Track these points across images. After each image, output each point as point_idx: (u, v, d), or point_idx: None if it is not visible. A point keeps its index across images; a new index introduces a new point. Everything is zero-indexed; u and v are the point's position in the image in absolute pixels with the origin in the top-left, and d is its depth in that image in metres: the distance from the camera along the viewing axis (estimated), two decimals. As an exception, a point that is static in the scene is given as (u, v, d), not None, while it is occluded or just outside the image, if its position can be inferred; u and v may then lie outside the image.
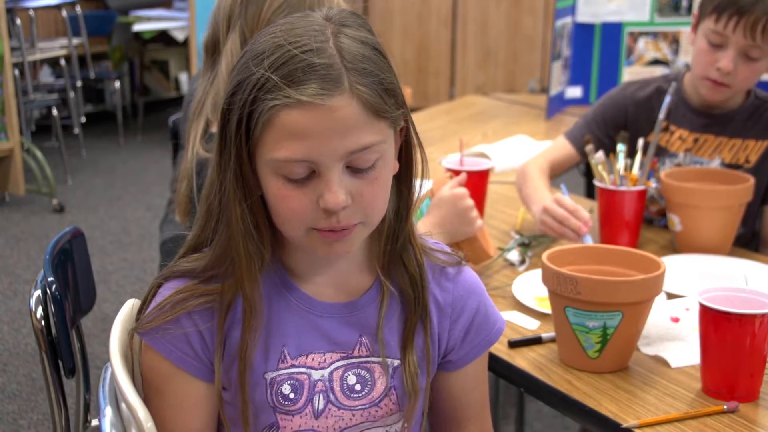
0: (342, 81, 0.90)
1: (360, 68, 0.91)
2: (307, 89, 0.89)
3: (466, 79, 6.20)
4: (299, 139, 0.90)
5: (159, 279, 1.03)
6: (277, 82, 0.89)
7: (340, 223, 0.93)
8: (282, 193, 0.93)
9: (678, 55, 3.28)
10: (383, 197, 0.97)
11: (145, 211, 4.52)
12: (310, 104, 0.89)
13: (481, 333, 1.09)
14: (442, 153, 2.27)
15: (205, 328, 0.99)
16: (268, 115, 0.90)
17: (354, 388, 1.02)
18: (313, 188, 0.92)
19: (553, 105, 3.07)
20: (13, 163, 4.52)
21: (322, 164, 0.91)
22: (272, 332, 1.01)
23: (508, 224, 1.93)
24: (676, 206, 1.73)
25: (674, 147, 1.91)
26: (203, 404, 1.01)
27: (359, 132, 0.91)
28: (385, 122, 0.94)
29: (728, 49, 1.74)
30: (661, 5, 3.23)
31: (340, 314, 1.03)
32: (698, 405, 1.21)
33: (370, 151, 0.92)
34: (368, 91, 0.91)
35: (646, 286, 1.27)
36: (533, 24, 6.03)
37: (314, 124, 0.89)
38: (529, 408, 2.62)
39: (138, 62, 6.49)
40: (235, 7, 1.52)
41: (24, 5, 5.16)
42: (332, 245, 0.96)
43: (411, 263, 1.04)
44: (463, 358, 1.10)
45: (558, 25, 3.03)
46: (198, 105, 1.59)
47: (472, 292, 1.09)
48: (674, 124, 1.91)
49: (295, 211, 0.93)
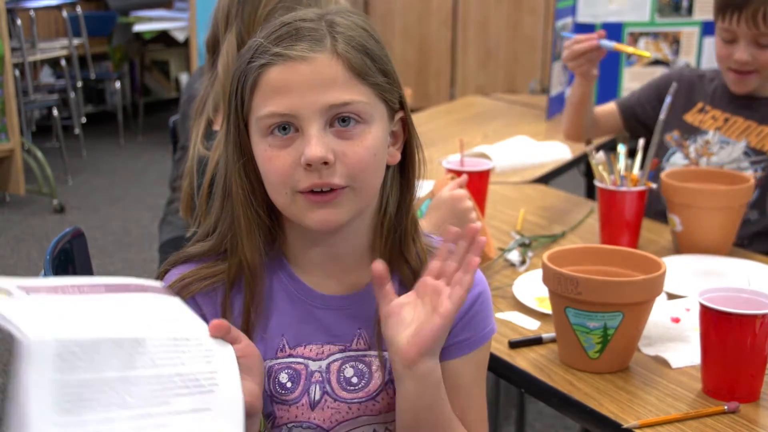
0: (325, 41, 0.95)
1: (347, 36, 0.97)
2: (292, 47, 0.95)
3: (467, 80, 6.20)
4: (282, 93, 0.94)
5: (165, 265, 1.05)
6: (267, 44, 0.96)
7: (322, 179, 0.94)
8: (267, 155, 0.96)
9: (678, 56, 3.28)
10: (371, 163, 0.97)
11: (145, 212, 4.52)
12: (293, 59, 0.94)
13: (474, 327, 1.06)
14: (443, 154, 2.28)
15: (208, 311, 1.00)
16: (256, 74, 0.96)
17: (351, 380, 1.03)
18: (297, 147, 0.95)
19: (553, 106, 3.07)
20: (13, 163, 4.52)
21: (303, 118, 0.94)
22: (272, 321, 1.02)
23: (508, 225, 1.93)
24: (677, 207, 1.73)
25: (705, 125, 1.98)
26: None
27: (340, 88, 0.95)
28: (369, 88, 0.97)
29: (739, 41, 1.86)
30: (662, 5, 3.23)
31: (340, 307, 1.04)
32: (699, 405, 1.21)
33: (352, 109, 0.96)
34: (352, 52, 0.96)
35: (647, 287, 1.27)
36: (534, 24, 6.03)
37: (296, 78, 0.94)
38: (529, 409, 2.62)
39: (138, 63, 6.49)
40: (232, 6, 1.53)
41: (24, 5, 5.16)
42: (319, 211, 0.96)
43: (413, 259, 1.04)
44: (450, 348, 1.04)
45: (558, 26, 3.03)
46: (199, 104, 1.60)
47: (476, 285, 1.05)
48: (710, 105, 2.00)
49: (280, 172, 0.96)
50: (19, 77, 4.80)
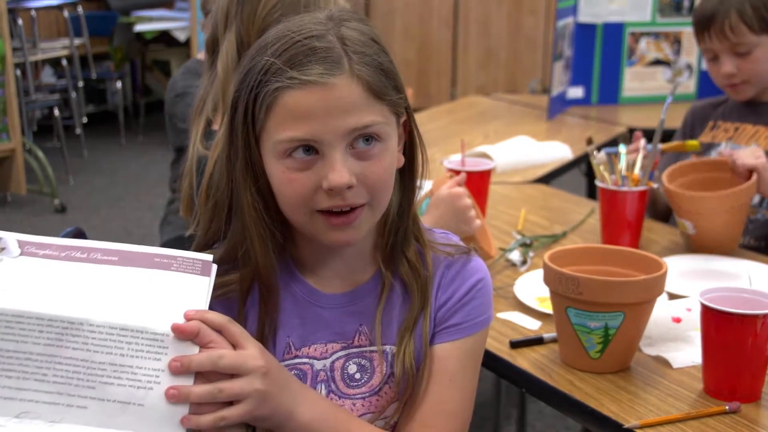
0: (342, 63, 0.93)
1: (360, 51, 0.95)
2: (308, 70, 0.92)
3: (468, 80, 6.20)
4: (302, 119, 0.92)
5: None
6: (280, 65, 0.93)
7: (345, 201, 0.94)
8: (286, 177, 0.95)
9: (680, 55, 3.28)
10: (387, 180, 0.98)
11: (146, 211, 4.52)
12: (312, 84, 0.92)
13: (467, 313, 1.04)
14: (444, 153, 2.28)
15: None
16: (271, 97, 0.93)
17: (354, 376, 1.04)
18: (317, 171, 0.94)
19: (554, 106, 3.07)
20: (14, 163, 4.52)
21: (325, 143, 0.93)
22: (279, 324, 1.02)
23: (509, 224, 1.93)
24: (687, 213, 1.73)
25: (718, 138, 2.00)
26: None
27: (360, 111, 0.94)
28: (386, 106, 0.96)
29: (721, 56, 1.92)
30: (663, 5, 3.23)
31: (342, 305, 1.04)
32: (700, 405, 1.21)
33: (372, 131, 0.95)
34: (369, 72, 0.94)
35: (648, 287, 1.27)
36: (534, 24, 6.03)
37: (316, 104, 0.92)
38: (530, 408, 2.62)
39: (139, 62, 6.49)
40: (232, 6, 1.53)
41: (26, 5, 5.16)
42: (338, 232, 0.97)
43: (413, 257, 1.05)
44: (439, 333, 1.04)
45: (559, 26, 3.03)
46: (199, 104, 1.60)
47: (476, 272, 1.06)
48: (721, 120, 2.03)
49: (299, 194, 0.95)
50: (20, 77, 4.80)
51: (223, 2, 1.55)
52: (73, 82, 5.49)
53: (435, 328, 1.06)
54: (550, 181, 2.39)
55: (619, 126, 2.92)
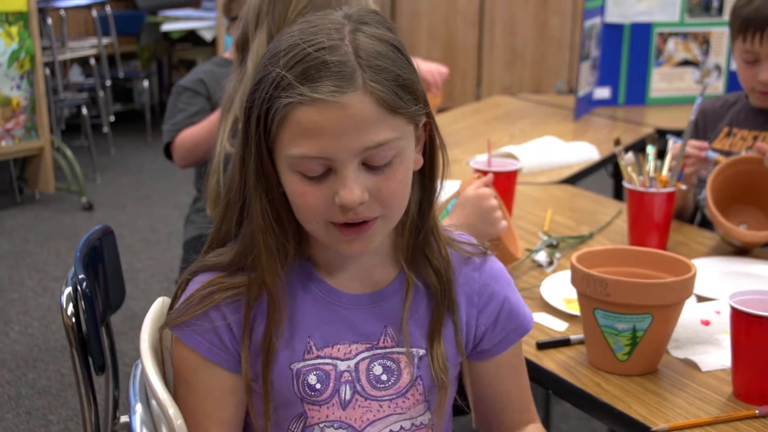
0: (355, 78, 0.90)
1: (374, 65, 0.92)
2: (320, 87, 0.90)
3: (493, 80, 6.18)
4: (313, 136, 0.91)
5: (187, 275, 1.04)
6: (292, 80, 0.90)
7: (358, 215, 0.94)
8: (299, 189, 0.94)
9: (708, 56, 3.25)
10: (402, 193, 0.97)
11: (172, 210, 4.55)
12: (324, 102, 0.90)
13: (513, 321, 1.10)
14: (470, 153, 2.27)
15: (233, 320, 1.00)
16: (283, 112, 0.91)
17: (380, 378, 1.03)
18: (330, 185, 0.93)
19: (581, 106, 3.05)
20: (43, 161, 4.57)
21: (337, 161, 0.92)
22: (298, 324, 1.02)
23: (536, 225, 1.92)
24: (734, 236, 1.74)
25: (736, 147, 1.95)
26: (231, 395, 1.02)
27: (374, 128, 0.92)
28: (401, 118, 0.94)
29: (762, 62, 1.84)
30: (692, 5, 3.20)
31: (365, 305, 1.04)
32: (729, 409, 1.20)
33: (386, 148, 0.93)
34: (382, 89, 0.91)
35: (677, 289, 1.26)
36: (560, 25, 6.00)
37: (328, 122, 0.90)
38: (555, 410, 2.61)
39: (166, 62, 6.54)
40: (263, 5, 1.54)
41: (55, 5, 5.22)
42: (352, 243, 0.97)
43: (435, 257, 1.05)
44: (497, 346, 1.10)
45: (587, 26, 3.02)
46: (227, 101, 1.61)
47: (498, 280, 1.10)
48: (737, 127, 1.98)
49: (312, 207, 0.95)
50: (49, 76, 4.85)
51: (255, 1, 1.56)
52: (100, 81, 5.54)
53: (480, 342, 1.09)
54: (576, 181, 2.38)
55: (646, 127, 2.90)
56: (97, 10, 5.56)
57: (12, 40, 4.30)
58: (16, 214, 4.49)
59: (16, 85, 4.36)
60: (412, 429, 1.06)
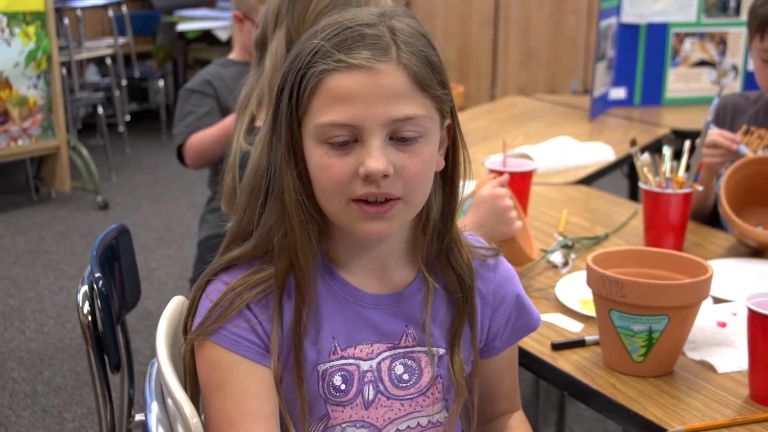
0: (390, 50, 0.94)
1: (408, 42, 0.95)
2: (356, 54, 0.93)
3: (508, 80, 6.17)
4: (345, 102, 0.93)
5: (205, 277, 1.03)
6: (329, 48, 0.93)
7: (380, 188, 0.94)
8: (324, 162, 0.95)
9: (725, 56, 3.23)
10: (425, 177, 0.98)
11: (187, 209, 4.57)
12: (358, 68, 0.92)
13: (522, 319, 1.12)
14: (485, 153, 2.27)
15: (264, 319, 0.99)
16: (317, 79, 0.94)
17: (402, 377, 1.04)
18: (355, 156, 0.94)
19: (596, 106, 3.04)
20: (59, 160, 4.59)
21: (365, 130, 0.93)
22: (322, 324, 1.01)
23: (551, 226, 1.92)
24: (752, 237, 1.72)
25: (753, 145, 1.95)
26: (269, 390, 1.00)
27: (404, 101, 0.94)
28: (430, 101, 0.96)
29: None
30: (709, 6, 3.19)
31: (386, 305, 1.04)
32: (746, 411, 1.19)
33: (413, 123, 0.94)
34: (416, 62, 0.94)
35: (693, 290, 1.25)
36: (576, 25, 5.98)
37: (361, 88, 0.92)
38: (569, 411, 2.60)
39: (181, 61, 6.56)
40: (283, 5, 1.54)
41: (72, 5, 5.25)
42: (371, 223, 0.96)
43: (459, 265, 1.05)
44: (504, 344, 1.13)
45: (602, 26, 3.00)
46: (244, 99, 1.62)
47: (511, 280, 1.12)
48: (755, 125, 1.98)
49: (335, 181, 0.95)
50: (65, 75, 4.87)
51: (274, 1, 1.57)
52: (116, 81, 5.56)
53: (491, 341, 1.11)
54: (591, 182, 2.37)
55: (662, 127, 2.89)
56: (113, 10, 5.59)
57: (29, 40, 4.33)
58: (32, 213, 4.51)
59: (33, 84, 4.38)
60: (429, 426, 1.06)
